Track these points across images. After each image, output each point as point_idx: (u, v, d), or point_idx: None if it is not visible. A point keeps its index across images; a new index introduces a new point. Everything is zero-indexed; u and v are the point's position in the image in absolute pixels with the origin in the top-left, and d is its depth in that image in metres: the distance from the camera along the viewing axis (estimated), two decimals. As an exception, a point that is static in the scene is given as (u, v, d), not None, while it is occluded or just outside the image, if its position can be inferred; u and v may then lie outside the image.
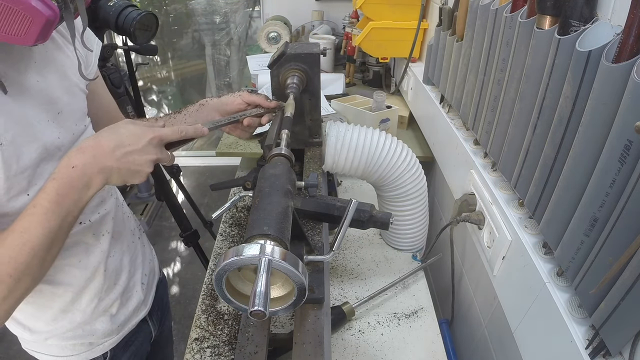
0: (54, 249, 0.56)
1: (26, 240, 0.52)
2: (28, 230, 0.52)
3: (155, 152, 0.59)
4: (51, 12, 0.50)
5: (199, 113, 0.80)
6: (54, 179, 0.54)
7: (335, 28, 2.26)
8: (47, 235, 0.53)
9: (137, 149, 0.57)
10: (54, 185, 0.53)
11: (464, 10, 0.98)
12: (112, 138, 0.57)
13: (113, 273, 0.78)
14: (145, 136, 0.58)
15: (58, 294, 0.71)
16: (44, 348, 0.77)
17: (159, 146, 0.60)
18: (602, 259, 0.50)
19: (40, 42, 0.52)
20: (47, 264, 0.56)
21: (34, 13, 0.48)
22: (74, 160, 0.55)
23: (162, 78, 3.27)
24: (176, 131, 0.62)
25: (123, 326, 0.83)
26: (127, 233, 0.84)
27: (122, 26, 1.15)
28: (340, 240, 0.62)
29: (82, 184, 0.55)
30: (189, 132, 0.64)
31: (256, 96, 0.80)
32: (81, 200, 0.56)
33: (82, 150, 0.55)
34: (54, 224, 0.53)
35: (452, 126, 1.06)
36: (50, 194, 0.53)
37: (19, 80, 0.59)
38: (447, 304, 1.14)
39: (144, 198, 2.73)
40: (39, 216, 0.52)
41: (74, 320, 0.74)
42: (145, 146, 0.58)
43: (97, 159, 0.55)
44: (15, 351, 0.75)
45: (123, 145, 0.56)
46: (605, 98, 0.49)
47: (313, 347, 0.59)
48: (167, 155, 0.62)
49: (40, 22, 0.49)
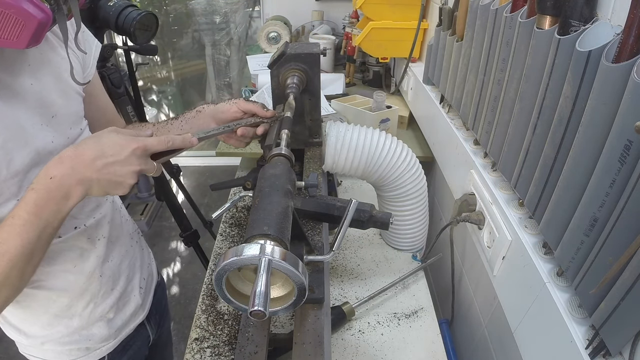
0: (34, 260, 0.55)
1: (4, 251, 0.51)
2: (6, 241, 0.51)
3: (139, 163, 0.57)
4: (44, 15, 0.49)
5: (195, 120, 0.79)
6: (32, 189, 0.52)
7: (335, 28, 2.26)
8: (25, 246, 0.52)
9: (119, 159, 0.55)
10: (33, 196, 0.52)
11: (464, 10, 0.98)
12: (93, 148, 0.55)
13: (110, 278, 0.77)
14: (129, 146, 0.56)
15: (53, 299, 0.70)
16: (40, 353, 0.77)
17: (143, 157, 0.58)
18: (602, 259, 0.50)
19: (32, 46, 0.51)
20: (27, 274, 0.55)
21: (25, 16, 0.47)
22: (52, 171, 0.53)
23: (162, 78, 3.27)
24: (162, 141, 0.60)
25: (120, 331, 0.82)
26: (125, 237, 0.83)
27: (122, 26, 1.15)
28: (340, 240, 0.62)
29: (61, 195, 0.53)
30: (176, 142, 0.62)
31: (252, 105, 0.77)
32: (60, 211, 0.54)
33: (61, 160, 0.54)
34: (32, 235, 0.52)
35: (452, 126, 1.06)
36: (29, 205, 0.52)
37: (11, 83, 0.57)
38: (447, 304, 1.14)
39: (144, 198, 2.73)
40: (18, 227, 0.51)
41: (70, 325, 0.74)
42: (128, 157, 0.55)
43: (76, 170, 0.53)
44: (15, 352, 0.75)
45: (104, 155, 0.54)
46: (605, 98, 0.49)
47: (313, 347, 0.59)
48: (152, 166, 0.59)
49: (33, 26, 0.48)
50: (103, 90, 0.82)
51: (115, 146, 0.55)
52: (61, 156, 0.54)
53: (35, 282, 0.67)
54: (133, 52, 1.48)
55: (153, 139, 0.59)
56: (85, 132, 0.71)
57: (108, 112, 0.84)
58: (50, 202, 0.53)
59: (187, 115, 0.80)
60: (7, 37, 0.48)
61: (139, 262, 0.87)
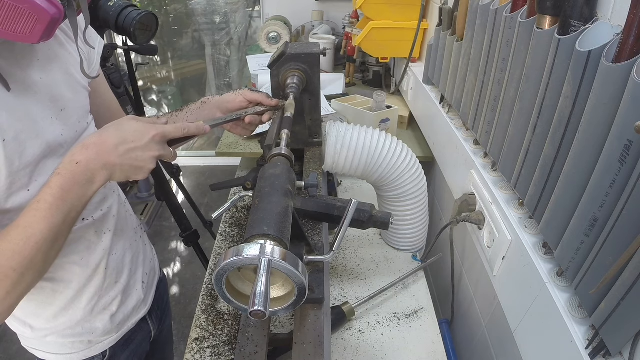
0: (58, 244, 0.56)
1: (30, 234, 0.52)
2: (32, 225, 0.52)
3: (158, 149, 0.60)
4: (56, 11, 0.50)
5: (200, 111, 0.80)
6: (58, 174, 0.54)
7: (335, 28, 2.26)
8: (51, 230, 0.53)
9: (140, 145, 0.58)
10: (58, 181, 0.54)
11: (464, 10, 0.98)
12: (116, 135, 0.57)
13: (114, 271, 0.78)
14: (149, 133, 0.59)
15: (59, 291, 0.71)
16: (43, 345, 0.77)
17: (162, 143, 0.61)
18: (602, 259, 0.50)
19: (44, 40, 0.52)
20: (51, 259, 0.56)
21: (39, 11, 0.49)
22: (77, 157, 0.55)
23: (162, 78, 3.27)
24: (179, 128, 0.63)
25: (122, 325, 0.83)
26: (129, 231, 0.84)
27: (122, 26, 1.15)
28: (340, 240, 0.62)
29: (86, 180, 0.55)
30: (191, 129, 0.65)
31: (257, 94, 0.80)
32: (85, 195, 0.56)
33: (85, 147, 0.56)
34: (57, 219, 0.54)
35: (452, 126, 1.06)
36: (54, 189, 0.54)
37: (22, 77, 0.59)
38: (447, 304, 1.14)
39: (144, 198, 2.73)
40: (43, 211, 0.53)
41: (74, 317, 0.75)
42: (148, 143, 0.58)
43: (101, 155, 0.56)
44: (15, 350, 0.75)
45: (126, 141, 0.57)
46: (605, 98, 0.49)
47: (313, 347, 0.59)
48: (169, 152, 0.63)
49: (45, 21, 0.50)
50: (107, 86, 0.84)
51: (136, 133, 0.58)
52: (85, 143, 0.56)
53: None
54: (133, 52, 1.48)
55: (170, 126, 0.62)
56: (92, 126, 0.73)
57: (112, 107, 0.86)
58: (76, 186, 0.55)
59: (191, 106, 0.81)
60: (20, 32, 0.49)
61: (142, 257, 0.88)
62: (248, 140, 1.45)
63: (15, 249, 0.52)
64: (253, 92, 0.80)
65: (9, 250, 0.51)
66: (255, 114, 0.79)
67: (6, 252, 0.51)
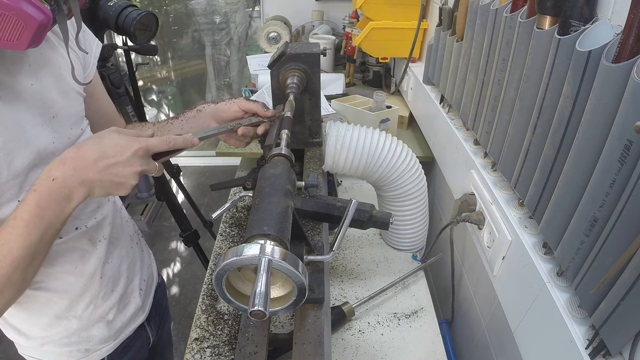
0: (37, 261, 0.55)
1: (7, 252, 0.51)
2: (8, 242, 0.51)
3: (141, 164, 0.56)
4: (44, 17, 0.49)
5: (196, 119, 0.79)
6: (34, 191, 0.52)
7: (335, 28, 2.26)
8: (28, 247, 0.52)
9: (120, 160, 0.55)
10: (35, 198, 0.52)
11: (464, 10, 0.98)
12: (95, 149, 0.54)
13: (110, 280, 0.77)
14: (131, 147, 0.55)
15: (53, 300, 0.70)
16: (39, 354, 0.77)
17: (145, 157, 0.57)
18: (602, 259, 0.50)
19: (33, 47, 0.51)
20: (30, 275, 0.55)
21: (26, 18, 0.47)
22: (54, 172, 0.53)
23: (162, 78, 3.27)
24: (163, 141, 0.59)
25: (120, 332, 0.82)
26: (126, 239, 0.83)
27: (122, 26, 1.15)
28: (340, 240, 0.62)
29: (63, 197, 0.53)
30: (178, 142, 0.61)
31: (253, 104, 0.77)
32: (63, 212, 0.54)
33: (63, 162, 0.53)
34: (34, 237, 0.52)
35: (452, 126, 1.06)
36: (31, 206, 0.52)
37: (12, 84, 0.57)
38: (447, 304, 1.14)
39: (144, 198, 2.73)
40: (20, 229, 0.51)
41: (69, 326, 0.74)
42: (130, 157, 0.55)
43: (78, 171, 0.53)
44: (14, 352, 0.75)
45: (106, 156, 0.54)
46: (605, 98, 0.49)
47: (313, 347, 0.59)
48: (153, 167, 0.59)
49: (33, 27, 0.48)
50: (104, 90, 0.82)
51: (117, 147, 0.55)
52: (63, 157, 0.54)
53: (36, 284, 0.67)
54: (133, 52, 1.48)
55: (154, 139, 0.59)
56: (87, 132, 0.71)
57: (109, 112, 0.84)
58: (53, 203, 0.53)
59: (187, 114, 0.80)
60: (7, 39, 0.48)
61: (139, 264, 0.87)
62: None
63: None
64: (249, 101, 0.77)
65: None
66: (250, 124, 0.76)
67: None
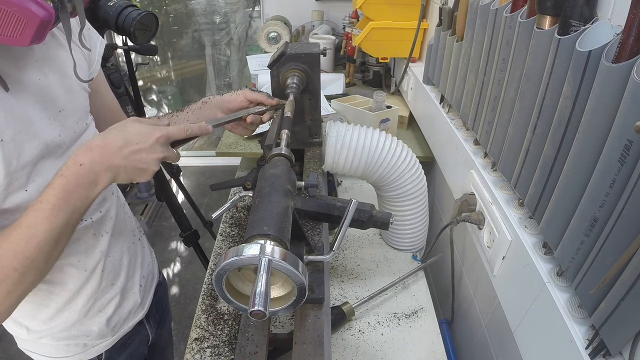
0: (60, 245, 0.56)
1: (32, 235, 0.52)
2: (34, 225, 0.52)
3: (162, 151, 0.60)
4: (46, 14, 0.50)
5: (201, 111, 0.81)
6: (61, 175, 0.54)
7: (335, 28, 2.26)
8: (53, 230, 0.53)
9: (144, 147, 0.58)
10: (62, 182, 0.54)
11: (464, 10, 0.98)
12: (120, 136, 0.57)
13: (111, 273, 0.78)
14: (153, 135, 0.59)
15: (55, 292, 0.71)
16: (38, 347, 0.77)
17: (166, 144, 0.61)
18: (602, 259, 0.50)
19: (36, 43, 0.52)
20: (53, 259, 0.56)
21: (27, 15, 0.48)
22: (81, 158, 0.55)
23: (162, 78, 3.27)
24: (182, 129, 0.63)
25: (118, 328, 0.82)
26: (128, 234, 0.84)
27: (122, 26, 1.15)
28: (340, 240, 0.62)
29: (89, 181, 0.55)
30: (194, 129, 0.65)
31: (258, 94, 0.80)
32: (88, 197, 0.56)
33: (90, 148, 0.56)
34: (60, 220, 0.54)
35: (452, 126, 1.06)
36: (58, 190, 0.53)
37: (20, 77, 0.59)
38: (447, 304, 1.14)
39: (144, 198, 2.73)
40: (46, 212, 0.53)
41: (69, 320, 0.74)
42: (152, 145, 0.59)
43: (105, 157, 0.56)
44: (15, 350, 0.75)
45: (131, 143, 0.57)
46: (605, 98, 0.49)
47: (313, 347, 0.59)
48: (173, 153, 0.63)
49: (35, 24, 0.49)
50: (108, 87, 0.84)
51: (140, 135, 0.58)
52: (89, 145, 0.56)
53: None
54: (133, 52, 1.48)
55: (173, 128, 0.62)
56: (91, 127, 0.73)
57: (113, 108, 0.86)
58: (79, 187, 0.55)
59: (192, 106, 0.81)
60: (10, 35, 0.49)
61: (139, 260, 0.87)
62: (248, 140, 1.45)
63: (17, 249, 0.51)
64: (253, 91, 0.81)
65: (10, 251, 0.51)
66: (256, 113, 0.79)
67: (8, 253, 0.51)
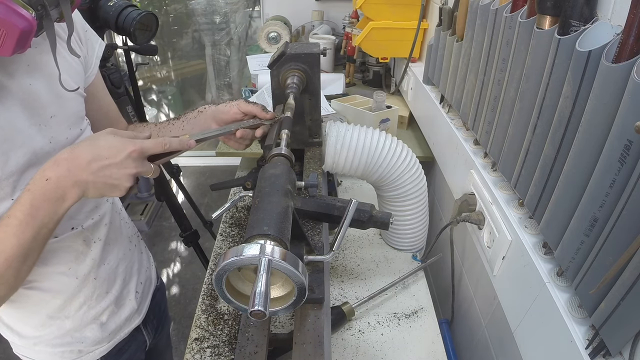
0: (30, 260, 0.55)
1: (0, 250, 0.51)
2: (2, 241, 0.52)
3: (135, 166, 0.56)
4: (26, 24, 0.49)
5: (196, 120, 0.79)
6: (28, 190, 0.53)
7: (335, 28, 2.26)
8: (21, 246, 0.52)
9: (114, 162, 0.54)
10: (29, 197, 0.52)
11: (464, 10, 0.98)
12: (89, 150, 0.54)
13: (105, 281, 0.77)
14: (125, 149, 0.55)
15: (46, 300, 0.70)
16: (33, 354, 0.77)
17: (140, 159, 0.57)
18: (602, 259, 0.50)
19: (20, 52, 0.51)
20: (23, 273, 0.56)
21: (7, 26, 0.47)
22: (48, 173, 0.53)
23: (162, 78, 3.27)
24: (159, 143, 0.59)
25: (114, 335, 0.82)
26: (124, 240, 0.82)
27: (122, 26, 1.15)
28: (340, 240, 0.62)
29: (57, 197, 0.53)
30: (173, 144, 0.61)
31: (253, 106, 0.77)
32: (56, 212, 0.54)
33: (57, 163, 0.54)
34: (28, 236, 0.53)
35: (452, 126, 1.06)
36: (25, 206, 0.52)
37: (9, 84, 0.57)
38: (447, 304, 1.14)
39: (144, 198, 2.73)
40: (13, 227, 0.52)
41: (62, 326, 0.74)
42: (124, 159, 0.55)
43: (72, 172, 0.53)
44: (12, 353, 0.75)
45: (100, 158, 0.54)
46: (605, 98, 0.49)
47: (313, 347, 0.59)
48: (149, 168, 0.59)
49: (15, 35, 0.48)
50: (105, 90, 0.82)
51: (112, 149, 0.55)
52: (57, 158, 0.54)
53: (29, 283, 0.67)
54: (133, 52, 1.48)
55: (150, 142, 0.58)
56: (86, 132, 0.71)
57: (110, 112, 0.84)
58: (46, 203, 0.53)
59: (188, 115, 0.80)
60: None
61: (136, 266, 0.86)
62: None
63: None
64: (249, 103, 0.77)
65: None
66: (249, 127, 0.76)
67: None
